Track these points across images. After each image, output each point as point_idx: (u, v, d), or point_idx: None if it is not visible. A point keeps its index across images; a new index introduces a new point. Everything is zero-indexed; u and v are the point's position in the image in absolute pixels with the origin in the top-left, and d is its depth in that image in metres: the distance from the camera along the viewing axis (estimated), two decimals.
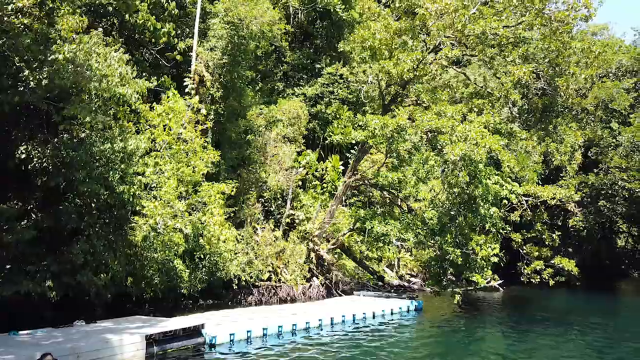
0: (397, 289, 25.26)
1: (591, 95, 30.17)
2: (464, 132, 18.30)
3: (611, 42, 35.99)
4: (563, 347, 14.42)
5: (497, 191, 18.84)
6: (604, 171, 29.61)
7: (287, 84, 31.07)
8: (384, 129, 19.33)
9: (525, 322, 18.14)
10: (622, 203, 29.20)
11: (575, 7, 20.58)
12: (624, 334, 16.85)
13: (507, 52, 21.60)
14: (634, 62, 31.00)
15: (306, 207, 24.57)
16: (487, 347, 14.17)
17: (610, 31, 45.05)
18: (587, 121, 30.70)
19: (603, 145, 29.93)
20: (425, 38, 22.92)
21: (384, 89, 22.95)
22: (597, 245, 34.47)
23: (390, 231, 19.79)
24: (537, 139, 25.87)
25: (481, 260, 18.48)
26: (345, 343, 14.06)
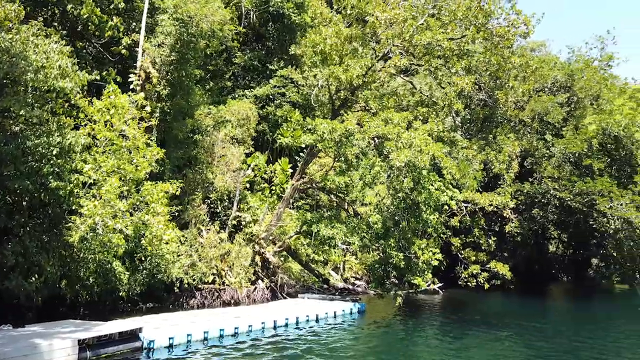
0: (342, 291, 25.54)
1: (528, 108, 31.92)
2: (409, 139, 18.83)
3: (548, 58, 38.18)
4: (496, 347, 15.09)
5: (438, 197, 19.49)
6: (537, 180, 31.31)
7: (237, 85, 30.78)
8: (333, 134, 19.58)
9: (462, 324, 18.84)
10: (554, 211, 30.98)
11: (515, 24, 21.70)
12: (554, 335, 17.85)
13: (451, 64, 22.43)
14: (568, 78, 33.00)
15: (253, 209, 24.40)
16: (425, 348, 14.61)
17: (547, 48, 47.76)
18: (524, 132, 32.44)
19: (538, 156, 31.64)
20: (375, 46, 23.45)
21: (334, 94, 23.22)
22: (530, 250, 36.33)
23: (336, 234, 20.03)
24: (477, 147, 27.08)
25: (422, 263, 19.07)
26: (287, 345, 14.08)
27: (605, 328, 19.85)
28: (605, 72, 35.26)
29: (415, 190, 18.97)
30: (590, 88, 31.88)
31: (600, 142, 29.45)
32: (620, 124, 28.80)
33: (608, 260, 33.46)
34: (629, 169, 30.19)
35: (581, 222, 30.93)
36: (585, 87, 31.84)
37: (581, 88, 32.03)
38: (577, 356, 14.15)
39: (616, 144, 29.68)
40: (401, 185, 18.64)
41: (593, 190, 27.74)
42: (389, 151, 19.13)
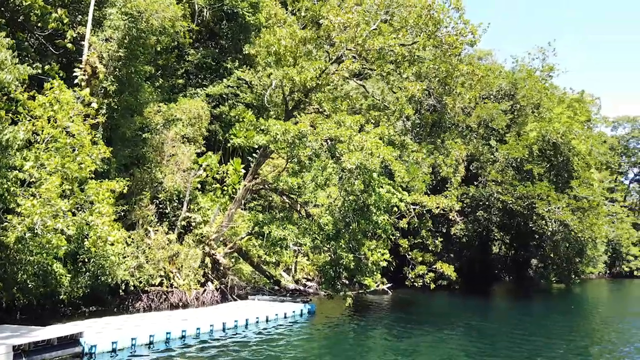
0: (293, 293, 25.57)
1: (475, 114, 33.21)
2: (360, 142, 19.12)
3: (493, 67, 39.84)
4: (442, 346, 15.55)
5: (388, 199, 19.91)
6: (482, 184, 32.62)
7: (189, 83, 30.20)
8: (286, 135, 19.61)
9: (410, 324, 19.30)
10: (497, 213, 32.40)
11: (463, 33, 22.55)
12: (495, 333, 18.66)
13: (402, 69, 23.02)
14: (511, 87, 34.61)
15: (204, 210, 24.02)
16: (373, 348, 14.87)
17: (494, 57, 49.89)
18: (470, 137, 33.71)
19: (483, 160, 32.98)
20: (329, 49, 23.70)
21: (288, 95, 23.26)
22: (475, 251, 37.78)
23: (288, 236, 20.05)
24: (426, 151, 27.85)
25: (372, 264, 19.44)
26: (236, 348, 13.97)
27: (544, 326, 20.90)
28: (546, 82, 37.21)
29: (366, 193, 19.30)
30: (532, 96, 33.54)
31: (540, 148, 31.05)
32: (559, 131, 30.47)
33: (546, 261, 35.31)
34: (566, 174, 32.02)
35: (522, 224, 32.48)
36: (528, 95, 33.47)
37: (524, 96, 33.65)
38: (515, 352, 14.83)
39: (555, 150, 31.41)
40: (352, 187, 18.91)
41: (533, 194, 29.21)
42: (341, 153, 19.36)
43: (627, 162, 66.30)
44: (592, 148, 34.23)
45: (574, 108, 36.01)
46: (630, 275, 61.31)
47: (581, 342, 17.21)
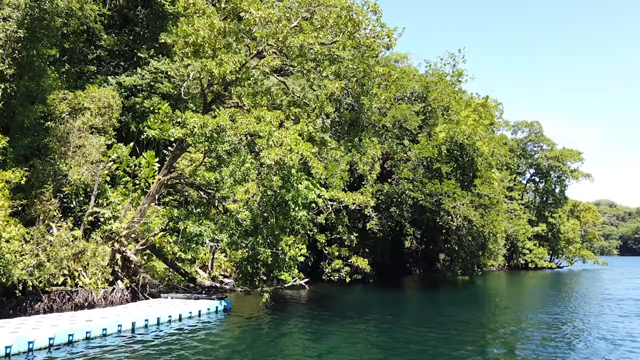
0: (209, 290, 25.09)
1: (390, 114, 34.59)
2: (280, 138, 19.19)
3: (408, 70, 41.77)
4: (355, 338, 16.07)
5: (307, 195, 20.20)
6: (396, 181, 34.11)
7: (100, 70, 28.46)
8: (204, 128, 19.18)
9: (326, 318, 19.73)
10: (408, 209, 34.03)
11: (380, 36, 23.37)
12: (409, 323, 19.61)
13: (322, 67, 23.39)
14: (424, 90, 36.50)
15: (114, 205, 22.79)
16: (289, 343, 15.00)
17: (409, 60, 52.34)
18: (385, 137, 35.06)
19: (397, 159, 34.47)
20: (250, 43, 23.48)
21: (206, 88, 22.73)
22: (389, 246, 39.43)
23: (204, 231, 19.63)
24: (344, 149, 28.55)
25: (289, 259, 19.61)
26: (146, 348, 13.46)
27: (448, 315, 22.33)
28: (456, 87, 39.65)
29: (285, 188, 19.44)
30: (442, 100, 35.59)
31: (448, 149, 33.06)
32: (465, 133, 32.64)
33: (452, 254, 37.67)
34: (471, 173, 34.39)
35: (431, 220, 34.40)
36: (438, 98, 35.47)
37: (435, 99, 35.60)
38: (424, 340, 15.72)
39: (461, 150, 33.61)
40: (271, 182, 18.95)
41: (441, 191, 31.06)
42: (260, 149, 19.31)
43: (524, 164, 72.43)
44: (494, 149, 37.05)
45: (479, 112, 38.76)
46: (525, 267, 67.22)
47: (480, 330, 18.59)
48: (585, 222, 78.47)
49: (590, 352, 14.40)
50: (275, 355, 13.06)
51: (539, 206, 71.53)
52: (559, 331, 17.85)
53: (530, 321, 20.21)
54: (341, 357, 13.09)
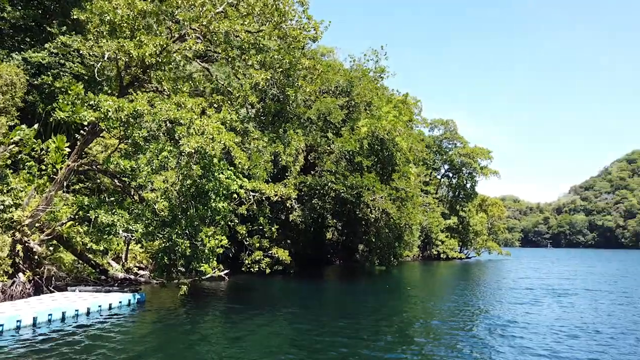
0: (122, 282, 24.00)
1: (315, 107, 34.91)
2: (201, 126, 18.71)
3: (334, 64, 42.33)
4: (274, 329, 16.13)
5: (228, 185, 19.88)
6: (319, 174, 34.58)
7: (2, 45, 25.97)
8: (119, 112, 18.23)
9: (245, 309, 19.63)
10: (330, 201, 34.68)
11: (306, 28, 23.49)
12: (323, 313, 20.02)
13: (248, 56, 23.06)
14: (348, 84, 37.23)
15: (16, 192, 21.04)
16: (205, 336, 14.70)
17: (335, 55, 52.98)
18: (310, 129, 35.36)
19: (320, 151, 34.95)
20: (172, 26, 22.57)
21: (123, 70, 21.57)
22: (311, 237, 39.95)
23: (118, 221, 18.71)
24: (268, 140, 28.44)
25: (209, 251, 19.23)
26: (48, 344, 12.63)
27: (364, 304, 23.12)
28: (378, 83, 40.84)
29: (205, 178, 18.99)
30: (365, 95, 36.52)
31: (369, 143, 34.04)
32: (386, 128, 33.77)
33: (371, 245, 38.95)
34: (390, 167, 35.69)
35: (352, 212, 35.31)
36: (361, 93, 36.34)
37: (358, 94, 36.45)
38: (341, 328, 16.18)
39: (381, 145, 34.75)
40: (190, 172, 18.44)
41: (361, 184, 31.96)
42: (180, 136, 18.70)
43: (440, 160, 76.40)
44: (412, 145, 38.68)
45: (400, 108, 40.25)
46: (438, 257, 71.16)
47: (392, 318, 19.46)
48: (492, 216, 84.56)
49: (486, 336, 15.60)
50: (189, 349, 12.80)
51: (452, 200, 75.87)
52: (461, 318, 19.14)
53: (436, 309, 21.44)
54: (253, 348, 13.11)
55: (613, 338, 15.56)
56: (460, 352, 13.15)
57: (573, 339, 15.23)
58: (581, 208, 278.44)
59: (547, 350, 13.59)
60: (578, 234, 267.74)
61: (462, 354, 12.96)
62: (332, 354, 12.59)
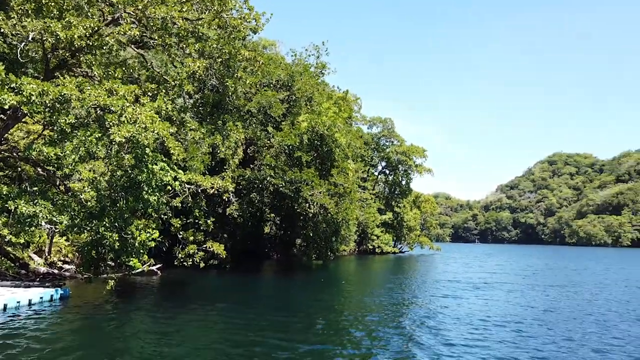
0: (45, 277, 22.66)
1: (255, 100, 34.53)
2: (134, 114, 17.95)
3: (276, 57, 42.02)
4: (206, 325, 15.85)
5: (162, 177, 19.23)
6: (258, 167, 34.29)
7: None
8: (44, 97, 17.08)
9: (176, 305, 19.11)
10: (269, 196, 34.51)
11: (247, 18, 23.14)
12: (262, 308, 19.91)
13: (185, 44, 22.37)
14: (289, 79, 37.10)
15: None
16: (133, 334, 14.18)
17: (277, 48, 52.57)
18: (250, 122, 34.95)
19: (260, 145, 34.63)
20: (105, 8, 21.44)
21: (50, 52, 20.22)
22: (248, 231, 39.56)
23: (40, 212, 17.58)
24: (206, 131, 27.79)
25: (139, 244, 18.53)
26: None
27: (298, 298, 23.28)
28: (319, 78, 41.04)
29: (137, 168, 18.26)
30: (306, 90, 36.59)
31: (309, 138, 34.17)
32: (326, 124, 34.04)
33: (308, 240, 39.23)
34: (329, 163, 36.04)
35: (290, 206, 35.33)
36: (302, 88, 36.37)
37: (299, 89, 36.44)
38: (273, 323, 16.18)
39: (321, 141, 35.00)
40: (121, 162, 17.66)
41: (300, 179, 32.06)
42: (110, 124, 17.83)
43: (377, 157, 78.14)
44: (351, 142, 39.29)
45: (340, 105, 40.69)
46: (373, 252, 72.90)
47: (324, 311, 19.74)
48: (425, 212, 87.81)
49: (414, 329, 16.21)
50: (111, 346, 12.32)
51: (388, 196, 77.92)
52: (391, 310, 19.77)
53: (368, 303, 21.97)
54: (182, 344, 12.82)
55: (528, 327, 16.68)
56: (388, 343, 13.58)
57: (489, 330, 16.15)
58: (506, 206, 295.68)
59: (466, 340, 14.33)
60: (503, 230, 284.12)
61: (390, 346, 13.38)
62: (260, 349, 12.55)
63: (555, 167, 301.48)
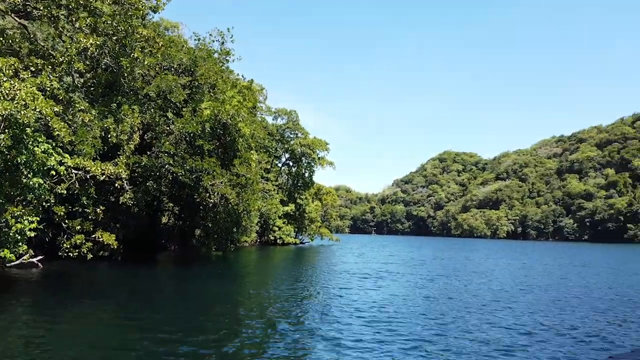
0: None
1: (155, 83, 32.78)
2: (12, 90, 16.21)
3: (178, 40, 40.20)
4: (90, 320, 14.84)
5: (44, 160, 17.60)
6: (155, 154, 32.65)
7: None
8: None
9: (57, 300, 17.60)
10: (167, 184, 33.08)
11: None
12: (156, 302, 19.05)
13: (75, 17, 20.61)
14: (192, 64, 35.67)
15: None
16: (12, 333, 12.88)
17: (180, 31, 50.35)
18: (148, 106, 33.12)
19: (158, 131, 32.94)
20: None
21: None
22: (144, 221, 37.61)
23: None
24: (98, 113, 25.84)
25: (16, 234, 16.81)
26: None
27: (193, 289, 22.67)
28: (223, 65, 40.00)
29: (16, 149, 16.52)
30: (210, 77, 35.48)
31: (212, 126, 33.24)
32: (229, 113, 33.32)
33: (208, 230, 38.30)
34: (232, 153, 35.39)
35: (190, 196, 34.20)
36: (206, 75, 35.23)
37: (202, 75, 35.25)
38: (159, 317, 15.60)
39: (224, 130, 34.22)
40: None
41: (201, 168, 31.13)
42: None
43: (281, 148, 78.31)
44: (254, 132, 38.89)
45: (244, 94, 40.04)
46: (275, 243, 73.20)
47: (215, 303, 19.48)
48: (326, 204, 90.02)
49: (309, 321, 16.63)
50: None
51: (290, 188, 78.59)
52: (287, 302, 20.07)
53: (263, 295, 22.04)
54: (59, 343, 11.88)
55: (411, 313, 17.90)
56: (280, 336, 13.77)
57: (378, 319, 17.10)
58: (401, 199, 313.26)
59: (359, 328, 15.03)
60: (398, 222, 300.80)
61: (282, 338, 13.58)
62: (148, 345, 12.03)
63: (445, 164, 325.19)
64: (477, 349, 12.61)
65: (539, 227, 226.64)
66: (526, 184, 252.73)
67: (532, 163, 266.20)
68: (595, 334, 14.77)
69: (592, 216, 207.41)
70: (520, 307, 19.59)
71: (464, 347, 12.81)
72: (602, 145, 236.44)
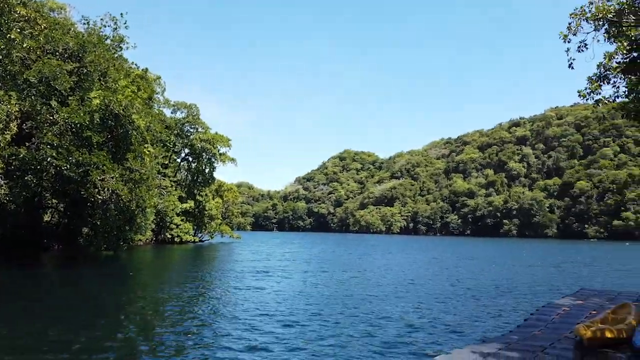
0: None
1: (36, 68, 29.89)
2: None
3: (64, 22, 37.01)
4: None
5: None
6: (36, 146, 29.85)
7: None
8: None
9: None
10: (50, 179, 30.36)
11: None
12: (26, 307, 17.47)
13: None
14: (80, 49, 33.03)
15: None
16: None
17: (68, 13, 46.38)
18: (28, 93, 30.14)
19: (40, 121, 30.11)
20: None
21: None
22: (23, 219, 34.20)
23: None
24: None
25: None
26: None
27: (76, 292, 21.19)
28: (116, 53, 37.61)
29: None
30: (100, 64, 33.19)
31: (102, 117, 31.14)
32: (122, 103, 31.44)
33: (97, 229, 35.85)
34: (125, 146, 33.43)
35: (76, 192, 31.73)
36: (96, 61, 32.89)
37: (91, 62, 32.85)
38: (49, 321, 14.47)
39: (116, 121, 32.21)
40: None
41: (89, 162, 29.02)
42: None
43: (180, 143, 75.40)
44: (150, 125, 37.08)
45: (139, 84, 38.00)
46: (172, 241, 70.45)
47: (101, 308, 18.49)
48: (227, 201, 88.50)
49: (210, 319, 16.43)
50: None
51: (190, 184, 76.10)
52: (178, 304, 19.60)
53: (153, 297, 21.03)
54: None
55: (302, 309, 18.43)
56: (159, 341, 13.46)
57: (272, 315, 17.39)
58: (303, 197, 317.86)
59: (250, 326, 15.17)
60: (299, 219, 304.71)
61: (161, 342, 13.29)
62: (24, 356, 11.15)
63: (345, 163, 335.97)
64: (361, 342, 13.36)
65: (429, 222, 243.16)
66: (417, 183, 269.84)
67: (423, 163, 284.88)
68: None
69: (474, 212, 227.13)
70: (406, 300, 21.04)
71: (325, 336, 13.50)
72: (483, 148, 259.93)
